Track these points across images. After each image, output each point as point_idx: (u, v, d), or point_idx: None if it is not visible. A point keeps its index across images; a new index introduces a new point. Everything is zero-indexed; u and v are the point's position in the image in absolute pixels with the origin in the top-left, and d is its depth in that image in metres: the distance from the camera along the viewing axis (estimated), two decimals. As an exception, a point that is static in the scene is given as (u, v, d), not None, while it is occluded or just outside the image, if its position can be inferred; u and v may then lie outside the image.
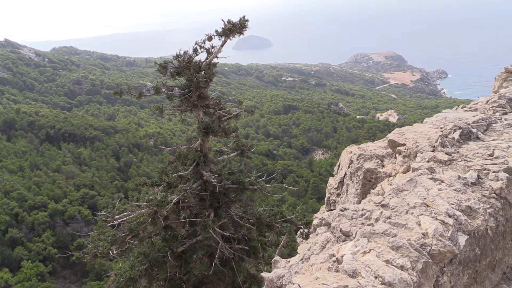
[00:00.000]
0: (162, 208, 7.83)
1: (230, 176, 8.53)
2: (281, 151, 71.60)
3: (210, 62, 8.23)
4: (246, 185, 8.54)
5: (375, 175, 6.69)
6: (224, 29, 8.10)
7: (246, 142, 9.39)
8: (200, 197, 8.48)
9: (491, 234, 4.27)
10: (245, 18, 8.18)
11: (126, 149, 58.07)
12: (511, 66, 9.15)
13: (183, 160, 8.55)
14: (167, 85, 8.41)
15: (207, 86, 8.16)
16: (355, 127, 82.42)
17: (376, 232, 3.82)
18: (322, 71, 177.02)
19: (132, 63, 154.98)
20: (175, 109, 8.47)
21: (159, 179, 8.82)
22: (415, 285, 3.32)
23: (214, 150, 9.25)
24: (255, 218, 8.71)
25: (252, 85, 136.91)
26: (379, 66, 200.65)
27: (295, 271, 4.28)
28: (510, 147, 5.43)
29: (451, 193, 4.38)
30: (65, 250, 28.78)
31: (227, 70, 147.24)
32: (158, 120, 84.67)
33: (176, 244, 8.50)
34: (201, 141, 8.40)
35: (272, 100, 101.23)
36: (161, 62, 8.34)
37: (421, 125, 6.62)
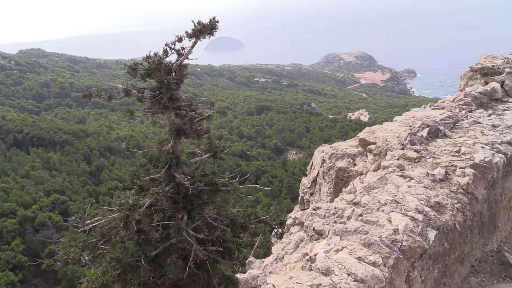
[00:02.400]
0: (134, 212, 7.71)
1: (203, 178, 8.47)
2: (255, 152, 71.72)
3: (181, 63, 8.16)
4: (219, 187, 8.51)
5: (347, 174, 6.78)
6: (194, 30, 8.05)
7: (218, 144, 9.35)
8: (173, 199, 8.40)
9: (459, 228, 4.38)
10: (215, 19, 8.16)
11: (97, 153, 56.98)
12: (476, 65, 9.41)
13: (155, 163, 8.45)
14: (137, 87, 8.30)
15: (178, 87, 8.09)
16: (328, 127, 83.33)
17: (348, 230, 3.86)
18: (294, 71, 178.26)
19: (103, 65, 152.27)
20: (146, 111, 8.37)
21: (131, 183, 8.69)
22: (387, 281, 3.38)
23: (187, 152, 9.18)
24: (229, 219, 8.68)
25: (225, 86, 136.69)
26: (350, 66, 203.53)
27: (270, 271, 4.29)
28: (476, 144, 5.58)
29: (420, 190, 4.47)
30: (35, 258, 28.01)
31: (200, 71, 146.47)
32: (130, 123, 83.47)
33: (150, 248, 8.39)
34: (173, 143, 8.32)
35: (245, 101, 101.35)
36: (130, 64, 8.23)
37: (391, 124, 6.74)
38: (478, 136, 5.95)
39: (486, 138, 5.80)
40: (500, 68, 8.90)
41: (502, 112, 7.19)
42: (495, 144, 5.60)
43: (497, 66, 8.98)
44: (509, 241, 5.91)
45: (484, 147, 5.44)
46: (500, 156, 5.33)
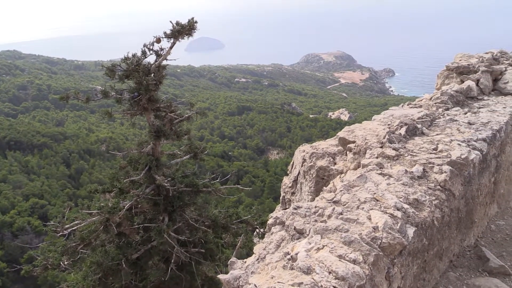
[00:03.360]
0: (114, 215, 7.62)
1: (184, 179, 8.42)
2: (237, 152, 71.65)
3: (160, 64, 8.10)
4: (200, 188, 8.47)
5: (328, 173, 6.82)
6: (172, 31, 8.00)
7: (199, 144, 9.31)
8: (153, 201, 8.33)
9: (437, 224, 4.45)
10: (193, 20, 8.12)
11: (76, 156, 56.08)
12: (452, 64, 9.57)
13: (134, 165, 8.36)
14: (116, 89, 8.20)
15: (157, 88, 8.03)
16: (309, 126, 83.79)
17: (329, 228, 3.88)
18: (275, 71, 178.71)
19: (81, 66, 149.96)
20: (125, 113, 8.28)
21: (111, 185, 8.58)
22: (367, 277, 3.41)
23: (167, 153, 9.11)
24: (211, 220, 8.66)
25: (206, 87, 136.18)
26: (330, 66, 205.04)
27: (252, 271, 4.28)
28: (453, 141, 5.68)
29: (399, 187, 4.53)
30: (14, 264, 27.39)
31: (180, 72, 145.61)
32: (110, 125, 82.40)
33: (131, 251, 8.31)
34: (152, 144, 8.26)
35: (226, 102, 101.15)
36: (108, 66, 8.13)
37: (370, 123, 6.81)
38: (455, 133, 6.06)
39: (463, 136, 5.91)
40: (475, 67, 9.08)
41: (477, 110, 7.34)
42: (471, 141, 5.71)
43: (472, 65, 9.15)
44: (485, 236, 6.04)
45: (460, 144, 5.54)
46: (476, 153, 5.44)
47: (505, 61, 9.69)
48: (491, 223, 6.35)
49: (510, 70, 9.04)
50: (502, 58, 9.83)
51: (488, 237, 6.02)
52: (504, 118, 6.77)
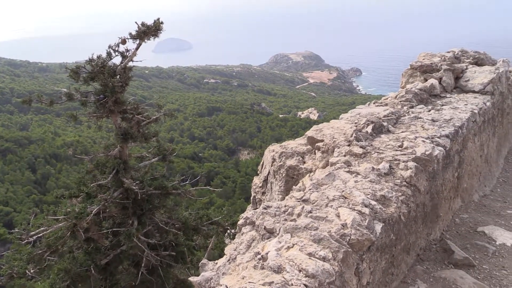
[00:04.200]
0: (81, 220, 7.44)
1: (153, 182, 8.31)
2: (207, 153, 71.24)
3: (126, 65, 7.96)
4: (170, 190, 8.38)
5: (297, 172, 6.87)
6: (138, 32, 7.88)
7: (168, 146, 9.21)
8: (122, 205, 8.18)
9: (404, 220, 4.55)
10: (159, 21, 8.02)
11: (42, 160, 54.45)
12: (416, 63, 9.81)
13: (101, 169, 8.19)
14: (80, 91, 8.02)
15: (123, 90, 7.90)
16: (279, 126, 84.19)
17: (299, 227, 3.91)
18: (244, 72, 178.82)
19: (45, 68, 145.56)
20: (91, 115, 8.10)
21: (77, 190, 8.38)
22: (337, 274, 3.45)
23: (135, 156, 8.97)
24: (181, 222, 8.58)
25: (175, 88, 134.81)
26: (298, 66, 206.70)
27: (223, 273, 4.27)
28: (417, 138, 5.83)
29: (367, 184, 4.61)
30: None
31: (148, 73, 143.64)
32: (77, 128, 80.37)
33: (100, 256, 8.13)
34: (120, 147, 8.11)
35: (195, 103, 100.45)
36: (73, 68, 7.94)
37: (337, 121, 6.90)
38: (419, 130, 6.21)
39: (427, 132, 6.07)
40: (437, 65, 9.34)
41: (440, 107, 7.55)
42: (435, 138, 5.87)
43: (435, 64, 9.41)
44: (450, 229, 6.22)
45: (424, 141, 5.69)
46: (439, 149, 5.59)
47: (466, 59, 10.00)
48: (456, 217, 6.55)
49: (471, 68, 9.34)
50: (463, 57, 10.14)
51: (453, 230, 6.20)
52: (465, 114, 6.99)
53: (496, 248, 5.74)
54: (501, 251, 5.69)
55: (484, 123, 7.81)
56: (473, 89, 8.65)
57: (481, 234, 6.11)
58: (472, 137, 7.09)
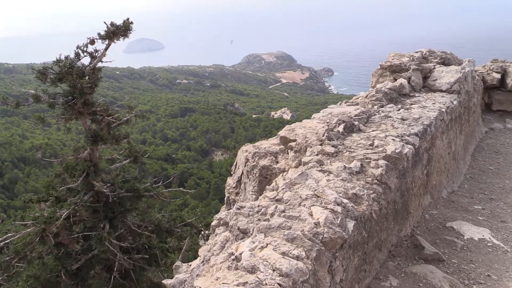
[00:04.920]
0: (51, 225, 7.23)
1: (124, 184, 8.16)
2: (180, 155, 70.70)
3: (95, 66, 7.79)
4: (142, 192, 8.24)
5: (270, 172, 6.90)
6: (107, 32, 7.72)
7: (139, 148, 9.07)
8: (93, 209, 7.99)
9: (375, 217, 4.63)
10: (129, 21, 7.88)
11: (10, 164, 52.84)
12: (385, 63, 9.99)
13: (71, 172, 7.98)
14: (48, 93, 7.79)
15: (92, 92, 7.72)
16: (252, 126, 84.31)
17: (272, 227, 3.92)
18: (217, 72, 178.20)
19: (12, 70, 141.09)
20: (59, 117, 7.89)
21: (46, 194, 8.14)
22: (311, 272, 3.47)
23: (106, 158, 8.79)
24: (154, 225, 8.45)
25: (146, 89, 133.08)
26: (271, 66, 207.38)
27: (197, 274, 4.23)
28: (388, 137, 5.94)
29: (339, 183, 4.66)
30: None
31: (119, 74, 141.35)
32: (46, 130, 78.26)
33: (70, 262, 7.92)
34: (90, 150, 7.93)
35: (168, 104, 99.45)
36: (39, 69, 7.71)
37: (309, 121, 6.95)
38: (389, 129, 6.33)
39: (396, 131, 6.19)
40: (406, 65, 9.54)
41: (409, 106, 7.72)
42: (404, 136, 6.00)
43: (404, 64, 9.61)
44: (421, 225, 6.36)
45: (394, 140, 5.80)
46: (409, 147, 5.71)
47: (433, 59, 10.26)
48: (425, 213, 6.70)
49: (438, 68, 9.58)
50: (431, 57, 10.40)
51: (423, 226, 6.34)
52: (433, 113, 7.16)
53: (464, 242, 5.90)
54: (469, 245, 5.85)
55: (452, 121, 8.02)
56: (441, 88, 8.87)
57: (449, 229, 6.27)
58: (440, 135, 7.26)
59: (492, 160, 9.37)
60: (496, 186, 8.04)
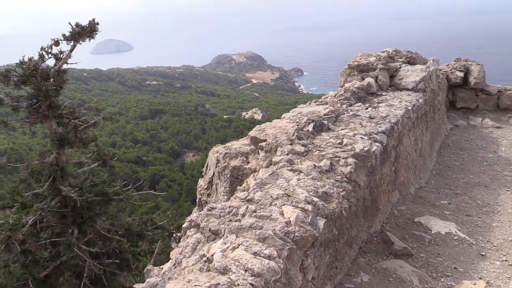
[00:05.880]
0: (16, 232, 7.03)
1: (93, 188, 8.01)
2: (151, 157, 69.76)
3: (60, 68, 7.61)
4: (111, 196, 8.11)
5: (242, 172, 6.90)
6: (72, 33, 7.56)
7: (108, 151, 8.92)
8: (60, 214, 7.81)
9: (345, 214, 4.69)
10: (95, 22, 7.73)
11: (-28, 170, 50.97)
12: (353, 63, 10.15)
13: (37, 177, 7.78)
14: (11, 96, 7.57)
15: (57, 94, 7.54)
16: (223, 127, 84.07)
17: (244, 227, 3.92)
18: (187, 73, 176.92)
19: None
20: (23, 121, 7.67)
21: (11, 200, 7.91)
22: (283, 271, 3.49)
23: (73, 162, 8.60)
24: (124, 229, 8.32)
25: (115, 91, 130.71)
26: (241, 67, 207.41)
27: (169, 277, 4.19)
28: (356, 135, 6.03)
29: (309, 182, 4.70)
30: None
31: (86, 76, 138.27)
32: (11, 135, 75.84)
33: (38, 269, 7.73)
34: (56, 154, 7.74)
35: (137, 105, 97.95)
36: (2, 71, 7.48)
37: (279, 121, 6.99)
38: (358, 127, 6.43)
39: (365, 129, 6.29)
40: (373, 64, 9.71)
41: (377, 105, 7.86)
42: (372, 134, 6.11)
43: (371, 63, 9.78)
44: (390, 221, 6.49)
45: (363, 138, 5.89)
46: (377, 145, 5.82)
47: (399, 59, 10.48)
48: (394, 209, 6.84)
49: (404, 67, 9.80)
50: (397, 56, 10.62)
51: (392, 222, 6.47)
52: (400, 111, 7.32)
53: (432, 237, 6.05)
54: (436, 239, 6.01)
55: (418, 119, 8.22)
56: (407, 87, 9.08)
57: (418, 224, 6.42)
58: (407, 133, 7.43)
59: (457, 156, 9.66)
60: (461, 181, 8.29)
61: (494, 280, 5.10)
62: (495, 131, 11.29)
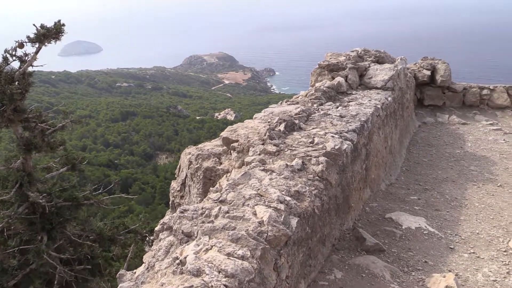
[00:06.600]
0: (-18, 240, 6.82)
1: (62, 194, 7.82)
2: (123, 160, 68.72)
3: (25, 71, 7.40)
4: (81, 201, 7.94)
5: (214, 173, 6.87)
6: (37, 35, 7.36)
7: (77, 155, 8.73)
8: (29, 221, 7.60)
9: (318, 212, 4.73)
10: (60, 23, 7.55)
11: None
12: (323, 62, 10.26)
13: (3, 183, 7.55)
14: (-27, 99, 7.31)
15: (23, 98, 7.33)
16: (196, 128, 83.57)
17: (216, 228, 3.90)
18: (158, 74, 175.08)
19: None
20: (-14, 126, 7.44)
21: (-24, 208, 7.66)
22: (256, 271, 3.49)
23: (41, 167, 8.38)
24: (96, 234, 8.16)
25: (85, 93, 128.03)
26: (213, 67, 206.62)
27: (142, 282, 4.13)
28: (327, 134, 6.09)
29: (281, 181, 4.72)
30: None
31: (55, 78, 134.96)
32: (-26, 140, 73.36)
33: (7, 278, 7.49)
34: (22, 159, 7.53)
35: (108, 108, 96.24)
36: (-37, 74, 7.22)
37: (251, 121, 6.99)
38: (329, 126, 6.50)
39: (335, 128, 6.37)
40: (343, 64, 9.85)
41: (347, 104, 7.97)
42: (343, 133, 6.19)
43: (341, 62, 9.91)
44: (362, 218, 6.59)
45: (334, 136, 5.96)
46: (347, 143, 5.90)
47: (368, 58, 10.66)
48: (366, 206, 6.95)
49: (373, 66, 9.97)
50: (366, 56, 10.80)
51: (364, 219, 6.57)
52: (370, 110, 7.44)
53: (403, 232, 6.18)
54: (407, 234, 6.14)
55: (387, 117, 8.38)
56: (376, 86, 9.24)
57: (389, 220, 6.54)
58: (377, 131, 7.56)
59: (426, 153, 9.89)
60: (430, 177, 8.50)
61: (462, 272, 5.25)
62: (461, 128, 11.62)
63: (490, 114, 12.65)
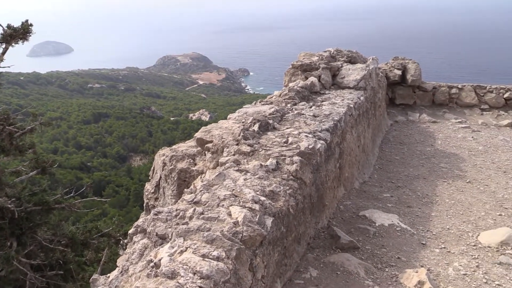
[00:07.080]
0: None
1: (32, 198, 7.62)
2: (96, 162, 67.60)
3: (-9, 72, 7.20)
4: (52, 205, 7.76)
5: (189, 174, 6.82)
6: (3, 35, 7.15)
7: (47, 158, 8.53)
8: (-3, 227, 7.40)
9: (292, 212, 4.76)
10: (28, 23, 7.36)
11: None
12: (297, 62, 10.32)
13: (-31, 188, 7.33)
14: None
15: (-11, 99, 7.13)
16: (170, 129, 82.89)
17: (191, 230, 3.87)
18: (131, 75, 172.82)
19: None
20: (-48, 129, 7.19)
21: None
22: (232, 272, 3.48)
23: (9, 171, 8.15)
24: (68, 238, 7.99)
25: (55, 95, 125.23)
26: (187, 68, 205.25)
27: (116, 286, 4.07)
28: (301, 133, 6.13)
29: (256, 181, 4.73)
30: None
31: (24, 80, 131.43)
32: None
33: (-26, 287, 7.27)
34: (-10, 163, 7.33)
35: (80, 110, 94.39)
36: None
37: (225, 121, 6.98)
38: (302, 126, 6.55)
39: (309, 128, 6.41)
40: (316, 64, 9.93)
41: (320, 103, 8.04)
42: (317, 132, 6.24)
43: (314, 63, 9.99)
44: (336, 216, 6.65)
45: (307, 136, 6.01)
46: (321, 143, 5.95)
47: (340, 58, 10.79)
48: (340, 204, 7.02)
49: (345, 66, 10.09)
50: (338, 56, 10.93)
51: (338, 217, 6.64)
52: (343, 109, 7.53)
53: (376, 229, 6.27)
54: (380, 231, 6.24)
55: (360, 116, 8.49)
56: (349, 85, 9.36)
57: (362, 218, 6.63)
58: (350, 130, 7.66)
59: (398, 151, 10.08)
60: (402, 175, 8.66)
61: (434, 267, 5.36)
62: (432, 126, 11.89)
63: (459, 112, 12.98)
